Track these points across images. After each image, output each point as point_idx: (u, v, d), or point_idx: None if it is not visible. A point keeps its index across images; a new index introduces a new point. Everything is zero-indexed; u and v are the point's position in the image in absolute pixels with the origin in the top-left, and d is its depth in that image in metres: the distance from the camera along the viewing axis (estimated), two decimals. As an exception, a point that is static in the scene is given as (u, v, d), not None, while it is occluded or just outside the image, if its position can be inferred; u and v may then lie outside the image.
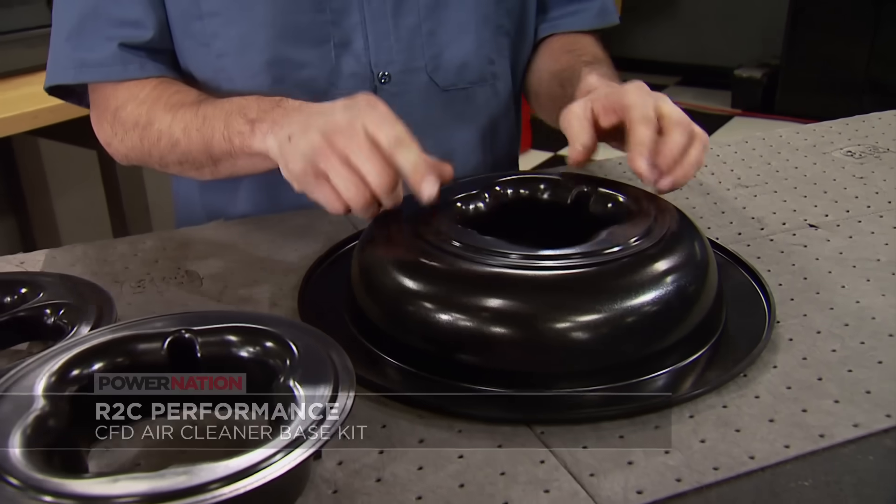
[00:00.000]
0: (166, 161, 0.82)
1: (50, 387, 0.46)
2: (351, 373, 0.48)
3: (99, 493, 0.40)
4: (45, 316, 0.59)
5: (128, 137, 0.83)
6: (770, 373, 0.58)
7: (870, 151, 0.97)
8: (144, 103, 0.82)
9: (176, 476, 0.40)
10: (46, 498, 0.39)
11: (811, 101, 3.83)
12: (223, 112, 0.75)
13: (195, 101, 0.80)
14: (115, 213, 2.03)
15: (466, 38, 0.89)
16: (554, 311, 0.57)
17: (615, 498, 0.48)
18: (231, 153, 0.74)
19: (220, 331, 0.52)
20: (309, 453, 0.42)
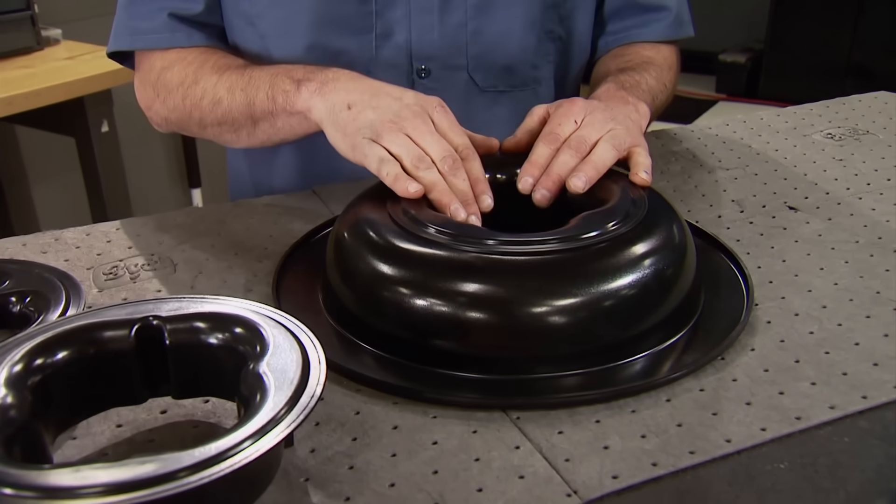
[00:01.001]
0: (205, 122, 0.84)
1: (13, 376, 0.45)
2: (322, 358, 0.47)
3: (62, 484, 0.39)
4: (11, 304, 0.58)
5: (170, 98, 0.86)
6: (748, 356, 0.58)
7: (850, 133, 0.97)
8: (192, 64, 0.85)
9: (142, 465, 0.39)
10: (6, 490, 0.39)
11: (795, 86, 3.82)
12: (269, 74, 0.78)
13: (243, 65, 0.83)
14: (95, 200, 2.01)
15: (511, 41, 0.88)
16: (531, 296, 0.57)
17: (590, 483, 0.47)
18: (272, 112, 0.77)
19: (189, 317, 0.51)
20: (278, 440, 0.41)
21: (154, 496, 0.37)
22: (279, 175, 0.95)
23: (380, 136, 0.66)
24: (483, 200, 0.65)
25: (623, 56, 0.92)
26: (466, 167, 0.66)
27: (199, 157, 2.59)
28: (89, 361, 0.49)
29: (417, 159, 0.64)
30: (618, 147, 0.67)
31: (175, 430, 0.52)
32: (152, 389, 0.52)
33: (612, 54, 0.95)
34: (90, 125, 1.89)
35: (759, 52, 4.01)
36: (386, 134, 0.66)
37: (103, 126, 1.93)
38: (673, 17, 0.94)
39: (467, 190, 0.65)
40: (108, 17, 2.47)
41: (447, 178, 0.64)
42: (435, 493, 0.47)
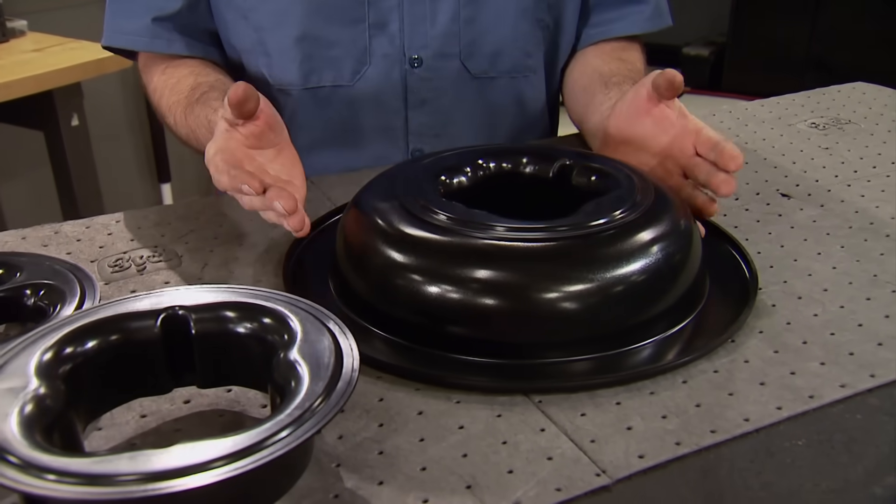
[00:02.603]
0: (175, 133, 0.90)
1: (45, 365, 0.45)
2: (353, 345, 0.48)
3: (107, 471, 0.39)
4: (25, 297, 0.57)
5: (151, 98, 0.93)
6: (756, 338, 0.60)
7: (833, 123, 0.99)
8: (155, 92, 0.89)
9: (183, 452, 0.39)
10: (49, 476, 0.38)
11: (756, 79, 3.90)
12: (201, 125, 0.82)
13: (186, 104, 0.85)
14: (65, 195, 1.98)
15: (504, 29, 0.89)
16: (545, 282, 0.58)
17: (618, 462, 0.48)
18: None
19: (215, 307, 0.51)
20: (325, 423, 0.41)
21: (212, 480, 0.38)
22: None
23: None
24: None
25: (624, 60, 0.93)
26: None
27: (168, 151, 2.56)
28: (117, 351, 0.49)
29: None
30: None
31: (201, 419, 0.53)
32: (177, 379, 0.52)
33: (599, 50, 0.96)
34: (60, 119, 1.86)
35: (721, 46, 4.08)
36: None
37: (73, 119, 1.90)
38: (652, 8, 0.96)
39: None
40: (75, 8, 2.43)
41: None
42: (466, 475, 0.48)
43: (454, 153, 0.72)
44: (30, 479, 0.38)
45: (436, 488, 0.47)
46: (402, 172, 0.69)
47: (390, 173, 0.70)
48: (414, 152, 0.92)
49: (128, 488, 0.38)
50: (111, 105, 2.46)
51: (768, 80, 3.79)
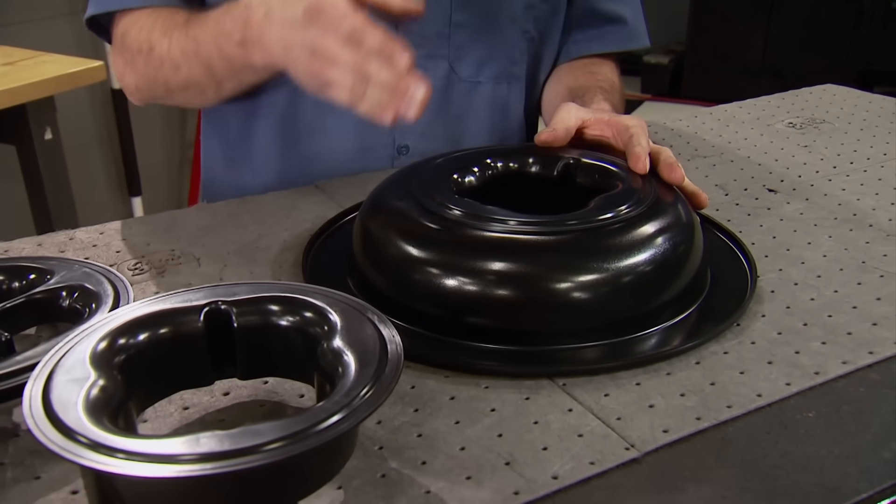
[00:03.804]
0: (171, 87, 0.84)
1: (100, 358, 0.47)
2: (395, 333, 0.50)
3: (172, 451, 0.41)
4: (61, 298, 0.59)
5: (136, 63, 0.85)
6: (760, 321, 0.63)
7: (809, 123, 1.04)
8: (143, 29, 0.84)
9: (258, 432, 0.41)
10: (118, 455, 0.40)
11: (715, 85, 4.00)
12: (209, 34, 0.77)
13: (185, 22, 0.81)
14: (39, 209, 1.96)
15: (491, 36, 0.91)
16: (561, 272, 0.61)
17: (645, 437, 0.51)
18: (235, 72, 0.78)
19: (255, 300, 0.53)
20: (377, 406, 0.44)
21: (282, 456, 0.40)
22: (259, 173, 0.96)
23: (322, 88, 0.67)
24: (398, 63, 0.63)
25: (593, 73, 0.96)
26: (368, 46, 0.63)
27: (138, 165, 2.55)
28: (163, 344, 0.51)
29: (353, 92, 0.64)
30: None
31: (243, 409, 0.54)
32: (218, 372, 0.54)
33: (570, 66, 1.00)
34: (33, 132, 1.85)
35: (680, 54, 4.18)
36: (321, 83, 0.66)
37: (46, 133, 1.89)
38: (629, 29, 1.00)
39: (389, 76, 0.63)
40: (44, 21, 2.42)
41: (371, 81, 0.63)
42: (504, 453, 0.50)
43: (464, 154, 0.75)
44: (101, 457, 0.40)
45: (476, 466, 0.49)
46: (416, 172, 0.71)
47: (403, 173, 0.72)
48: (399, 148, 0.94)
49: (192, 467, 0.40)
50: (80, 119, 2.45)
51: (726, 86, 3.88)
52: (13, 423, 0.52)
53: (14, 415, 0.53)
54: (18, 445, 0.50)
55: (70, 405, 0.43)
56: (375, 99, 0.64)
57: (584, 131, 0.78)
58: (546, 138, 0.75)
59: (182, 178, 2.81)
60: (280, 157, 0.95)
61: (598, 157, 0.74)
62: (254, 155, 0.95)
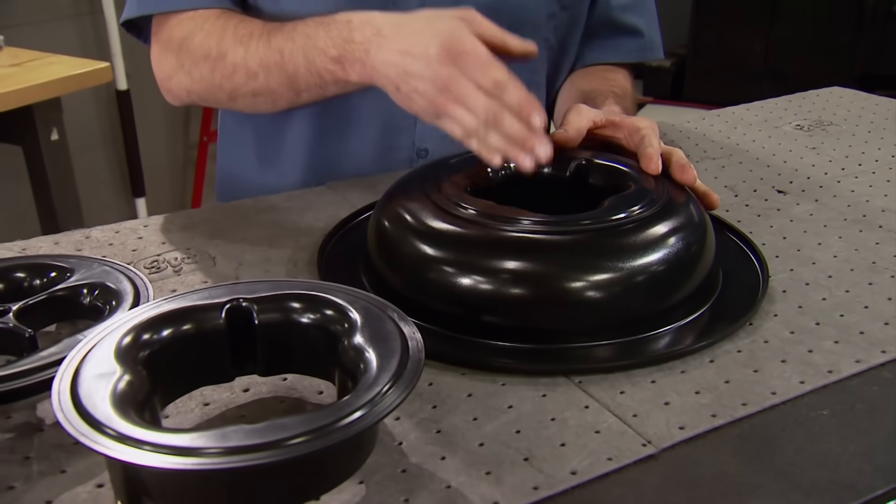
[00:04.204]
0: (238, 94, 0.84)
1: (124, 353, 0.47)
2: (414, 328, 0.51)
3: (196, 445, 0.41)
4: (82, 296, 0.59)
5: (196, 69, 0.85)
6: (772, 320, 0.64)
7: (816, 125, 1.05)
8: (212, 34, 0.83)
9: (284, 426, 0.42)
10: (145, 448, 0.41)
11: (716, 89, 4.01)
12: (297, 47, 0.79)
13: (264, 32, 0.82)
14: (45, 209, 1.97)
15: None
16: (576, 271, 0.61)
17: (661, 434, 0.52)
18: (321, 85, 0.80)
19: (276, 298, 0.53)
20: (401, 399, 0.44)
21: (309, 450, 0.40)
22: (286, 173, 0.97)
23: (438, 117, 0.70)
24: (533, 121, 0.67)
25: (606, 78, 0.97)
26: (509, 99, 0.67)
27: (143, 166, 2.55)
28: (186, 341, 0.51)
29: (472, 132, 0.68)
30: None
31: (263, 405, 0.55)
32: (239, 368, 0.54)
33: (584, 71, 1.00)
34: (39, 133, 1.86)
35: (682, 57, 4.19)
36: (440, 115, 0.70)
37: (53, 134, 1.89)
38: (644, 41, 1.02)
39: (519, 130, 0.67)
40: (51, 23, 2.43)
41: (498, 129, 0.67)
42: (523, 449, 0.51)
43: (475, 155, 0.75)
44: (130, 450, 0.41)
45: (496, 461, 0.50)
46: (430, 172, 0.72)
47: (418, 173, 0.73)
48: (419, 151, 0.95)
49: (220, 459, 0.41)
50: (85, 120, 2.46)
51: (727, 89, 3.90)
52: (37, 419, 0.52)
53: (38, 410, 0.53)
54: (43, 440, 0.50)
55: (98, 399, 0.43)
56: (494, 143, 0.68)
57: (596, 132, 0.78)
58: (558, 139, 0.76)
59: (186, 179, 2.82)
60: (309, 156, 0.96)
61: (611, 157, 0.75)
62: (284, 153, 0.96)
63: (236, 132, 1.01)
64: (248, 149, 1.00)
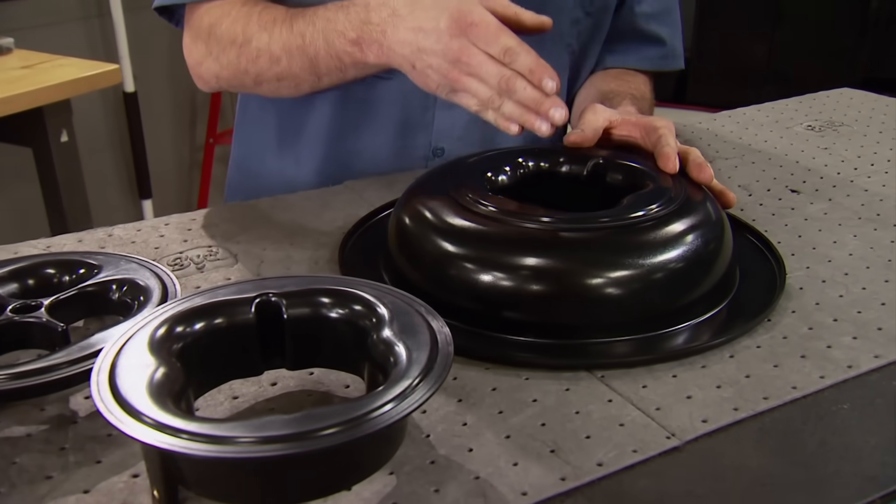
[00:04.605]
0: (262, 78, 0.86)
1: (160, 345, 0.48)
2: (442, 322, 0.51)
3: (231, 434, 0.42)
4: (111, 292, 0.60)
5: (224, 55, 0.87)
6: (790, 317, 0.65)
7: (827, 125, 1.06)
8: (238, 21, 0.85)
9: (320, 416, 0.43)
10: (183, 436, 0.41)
11: (719, 92, 4.01)
12: (317, 30, 0.80)
13: (286, 17, 0.83)
14: (54, 210, 1.98)
15: (537, 48, 0.92)
16: (597, 268, 0.62)
17: (684, 426, 0.53)
18: (341, 68, 0.81)
19: (304, 293, 0.54)
20: (433, 391, 0.45)
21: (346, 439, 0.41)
22: (303, 164, 0.98)
23: (454, 92, 0.72)
24: (546, 85, 0.68)
25: (625, 80, 0.98)
26: (520, 65, 0.68)
27: (149, 168, 2.56)
28: (217, 334, 0.52)
29: (487, 103, 0.69)
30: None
31: (291, 398, 0.56)
32: (267, 362, 0.55)
33: (603, 73, 1.01)
34: (49, 135, 1.87)
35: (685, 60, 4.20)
36: (455, 89, 0.71)
37: (63, 136, 1.90)
38: (666, 50, 1.02)
39: (533, 95, 0.68)
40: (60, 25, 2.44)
41: (512, 97, 0.68)
42: (549, 441, 0.52)
43: (496, 153, 0.76)
44: (166, 438, 0.42)
45: (523, 453, 0.50)
46: (450, 170, 0.73)
47: (438, 171, 0.74)
48: (435, 150, 0.96)
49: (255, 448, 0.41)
50: (93, 122, 2.47)
51: (730, 92, 3.91)
52: (71, 411, 0.53)
53: (71, 402, 0.54)
54: (77, 431, 0.51)
55: (135, 390, 0.44)
56: (509, 112, 0.69)
57: (612, 132, 0.79)
58: (575, 139, 0.77)
59: (192, 181, 2.83)
60: (326, 147, 0.97)
61: (628, 156, 0.76)
62: (303, 141, 0.97)
63: (258, 117, 1.02)
64: (269, 133, 1.00)
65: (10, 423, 0.52)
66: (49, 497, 0.46)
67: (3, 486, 0.47)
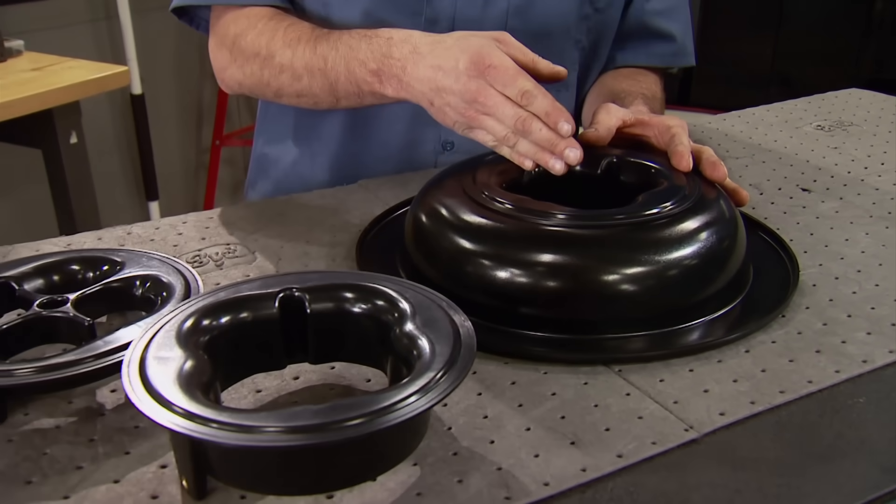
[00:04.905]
0: (283, 93, 0.88)
1: (187, 337, 0.49)
2: (464, 316, 0.52)
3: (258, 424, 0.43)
4: (135, 287, 0.61)
5: (248, 65, 0.88)
6: (804, 313, 0.65)
7: (837, 125, 1.06)
8: (263, 34, 0.87)
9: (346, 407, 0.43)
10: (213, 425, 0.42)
11: (723, 94, 4.02)
12: (340, 56, 0.81)
13: (311, 38, 0.85)
14: (63, 212, 1.99)
15: (545, 42, 0.94)
16: (610, 265, 0.63)
17: (702, 419, 0.53)
18: (358, 94, 0.82)
19: (327, 288, 0.55)
20: (458, 381, 0.46)
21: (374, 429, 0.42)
22: (317, 155, 1.00)
23: (471, 129, 0.73)
24: (561, 128, 0.69)
25: (636, 80, 0.99)
26: (536, 108, 0.69)
27: (156, 170, 2.57)
28: (242, 328, 0.53)
29: (503, 140, 0.71)
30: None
31: (313, 392, 0.57)
32: (291, 356, 0.56)
33: (615, 72, 1.02)
34: (59, 137, 1.88)
35: (690, 62, 4.22)
36: (471, 126, 0.73)
37: (72, 137, 1.91)
38: (677, 46, 1.03)
39: (549, 136, 0.69)
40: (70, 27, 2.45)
41: (528, 137, 0.70)
42: (569, 433, 0.52)
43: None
44: (195, 426, 0.42)
45: (543, 445, 0.51)
46: (465, 168, 0.73)
47: (453, 169, 0.75)
48: (445, 143, 0.97)
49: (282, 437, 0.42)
50: (100, 124, 2.48)
51: (734, 94, 3.92)
52: (98, 403, 0.54)
53: (97, 395, 0.55)
54: (105, 423, 0.52)
55: (165, 381, 0.45)
56: (524, 150, 0.71)
57: (625, 131, 0.80)
58: (589, 137, 0.78)
59: (199, 183, 2.84)
60: (339, 142, 0.98)
61: (641, 155, 0.76)
62: (317, 135, 0.99)
63: (279, 110, 1.03)
64: (288, 127, 1.02)
65: (39, 416, 0.53)
66: (80, 486, 0.47)
67: (35, 475, 0.48)
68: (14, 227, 2.31)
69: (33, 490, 0.47)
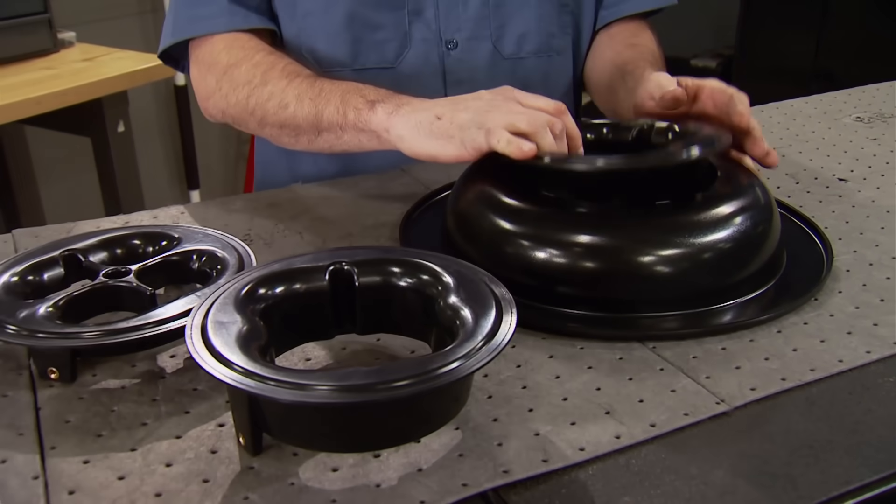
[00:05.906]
0: (266, 122, 0.85)
1: (244, 304, 0.52)
2: (504, 288, 0.55)
3: (311, 382, 0.45)
4: (192, 261, 0.64)
5: (234, 94, 0.88)
6: (837, 297, 0.67)
7: (877, 117, 1.07)
8: (259, 66, 0.87)
9: (402, 366, 0.46)
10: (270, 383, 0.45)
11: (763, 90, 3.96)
12: (341, 89, 0.80)
13: (313, 75, 0.85)
14: (110, 198, 2.04)
15: (528, 12, 0.96)
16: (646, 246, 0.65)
17: (733, 394, 0.55)
18: (341, 126, 0.79)
19: (375, 262, 0.58)
20: (501, 349, 0.48)
21: (425, 388, 0.45)
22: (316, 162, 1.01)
23: (486, 124, 0.69)
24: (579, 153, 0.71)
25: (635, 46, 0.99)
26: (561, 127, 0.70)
27: (197, 159, 2.63)
28: (294, 298, 0.56)
29: (537, 125, 0.70)
30: None
31: (360, 361, 0.60)
32: (339, 327, 0.59)
33: (611, 42, 1.03)
34: (107, 125, 1.93)
35: (728, 58, 4.17)
36: (492, 121, 0.69)
37: (119, 126, 1.97)
38: None
39: (571, 129, 0.71)
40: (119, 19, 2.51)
41: (557, 141, 0.70)
42: (604, 404, 0.55)
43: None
44: (253, 383, 0.45)
45: (579, 414, 0.54)
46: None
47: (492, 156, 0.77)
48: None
49: (336, 395, 0.45)
50: (145, 114, 2.54)
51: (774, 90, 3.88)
52: (159, 367, 0.58)
53: (158, 360, 0.58)
54: (166, 385, 0.55)
55: (225, 342, 0.48)
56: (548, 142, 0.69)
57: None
58: (677, 95, 0.77)
59: (238, 173, 2.89)
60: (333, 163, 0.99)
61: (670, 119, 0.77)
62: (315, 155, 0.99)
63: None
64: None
65: (105, 377, 0.56)
66: (146, 440, 0.50)
67: (105, 430, 0.51)
68: (62, 212, 2.38)
69: (103, 442, 0.50)
